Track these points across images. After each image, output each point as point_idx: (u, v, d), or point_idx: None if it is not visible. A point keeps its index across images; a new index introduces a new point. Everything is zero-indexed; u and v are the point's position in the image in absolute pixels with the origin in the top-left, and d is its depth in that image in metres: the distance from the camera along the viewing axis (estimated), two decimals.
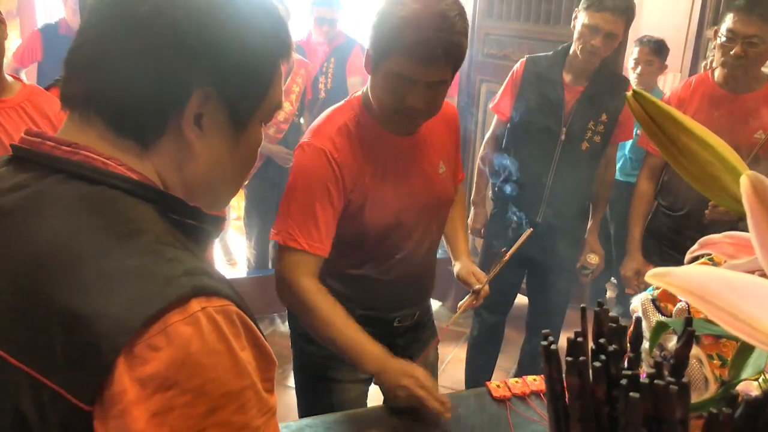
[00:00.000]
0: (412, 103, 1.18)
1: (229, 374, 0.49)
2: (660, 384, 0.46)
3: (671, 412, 0.46)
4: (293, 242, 1.23)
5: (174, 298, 0.49)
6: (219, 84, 0.58)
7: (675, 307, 1.21)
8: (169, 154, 0.59)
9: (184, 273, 0.51)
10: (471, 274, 1.49)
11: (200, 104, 0.58)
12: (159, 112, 0.58)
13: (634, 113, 0.58)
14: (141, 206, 0.56)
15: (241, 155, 0.64)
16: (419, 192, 1.33)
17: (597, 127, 2.09)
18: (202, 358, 0.48)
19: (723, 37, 1.85)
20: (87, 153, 0.56)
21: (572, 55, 2.06)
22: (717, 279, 0.46)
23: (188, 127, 0.58)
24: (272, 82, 0.63)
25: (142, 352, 0.47)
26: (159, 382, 0.47)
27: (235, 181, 0.68)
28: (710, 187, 0.57)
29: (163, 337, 0.48)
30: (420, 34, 1.11)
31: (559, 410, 0.51)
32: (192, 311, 0.49)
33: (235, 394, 0.50)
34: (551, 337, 0.53)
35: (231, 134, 0.62)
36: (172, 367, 0.47)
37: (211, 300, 0.51)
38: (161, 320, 0.48)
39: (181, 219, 0.59)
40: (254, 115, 0.63)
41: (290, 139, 3.03)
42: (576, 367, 0.49)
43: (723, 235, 0.60)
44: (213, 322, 0.50)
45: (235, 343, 0.51)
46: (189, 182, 0.62)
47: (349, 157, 1.25)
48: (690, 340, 0.53)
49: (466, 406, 1.28)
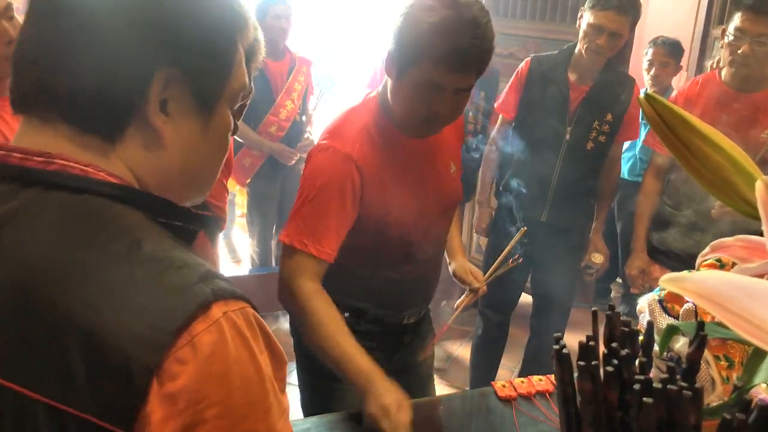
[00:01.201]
0: (438, 110, 1.16)
1: (253, 381, 0.49)
2: (673, 389, 0.46)
3: (685, 417, 0.46)
4: (300, 244, 1.21)
5: (196, 308, 0.47)
6: (179, 63, 0.55)
7: (682, 308, 1.21)
8: (137, 147, 0.56)
9: (200, 279, 0.50)
10: (468, 273, 1.49)
11: (163, 88, 0.55)
12: (121, 101, 0.54)
13: (647, 115, 0.58)
14: (130, 213, 0.53)
15: (213, 140, 0.61)
16: (434, 193, 1.32)
17: (602, 126, 2.08)
18: (228, 368, 0.47)
19: (731, 36, 1.84)
20: (63, 162, 0.53)
21: (577, 54, 2.05)
22: (731, 284, 0.46)
23: (154, 113, 0.55)
24: (234, 59, 0.60)
25: (170, 366, 0.46)
26: (189, 396, 0.46)
27: (212, 169, 0.64)
28: (722, 190, 0.57)
29: (190, 349, 0.46)
30: (453, 43, 1.08)
31: (570, 414, 0.51)
32: (214, 318, 0.48)
33: (260, 400, 0.50)
34: (563, 341, 0.52)
35: (199, 118, 0.58)
36: (201, 380, 0.46)
37: (229, 303, 0.50)
38: (187, 331, 0.47)
39: (168, 222, 0.56)
40: (220, 95, 0.60)
41: (292, 138, 3.02)
42: (588, 371, 0.49)
43: (735, 239, 0.60)
44: (235, 327, 0.49)
45: (255, 347, 0.50)
46: (164, 174, 0.58)
47: (370, 162, 1.23)
48: (703, 345, 0.53)
49: (471, 405, 1.27)
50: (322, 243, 1.21)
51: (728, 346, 1.12)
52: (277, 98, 2.94)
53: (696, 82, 2.03)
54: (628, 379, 0.50)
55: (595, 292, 3.39)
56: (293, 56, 3.01)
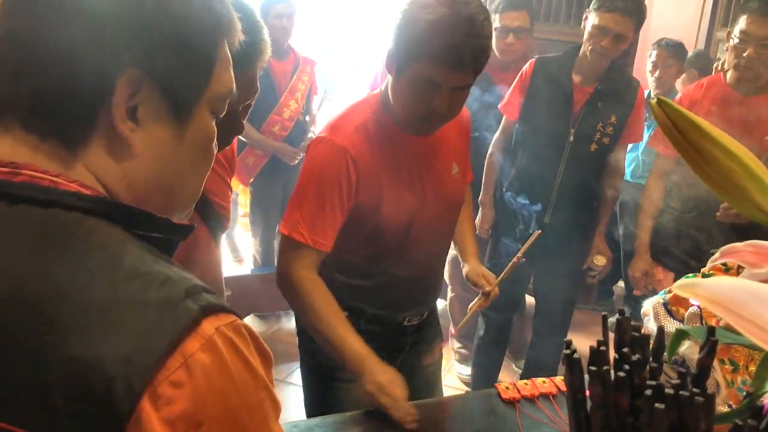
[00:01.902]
0: (436, 108, 1.17)
1: (250, 390, 0.48)
2: (685, 395, 0.46)
3: (696, 423, 0.46)
4: (297, 234, 1.23)
5: (184, 326, 0.45)
6: (147, 66, 0.50)
7: (687, 312, 1.21)
8: (104, 155, 0.52)
9: (186, 294, 0.47)
10: (480, 276, 1.49)
11: (131, 92, 0.50)
12: (82, 108, 0.50)
13: (658, 120, 0.58)
14: (104, 226, 0.49)
15: (190, 149, 0.56)
16: (433, 192, 1.33)
17: (606, 128, 2.08)
18: (226, 384, 0.46)
19: (736, 39, 1.84)
20: (30, 172, 0.49)
21: (582, 55, 2.05)
22: (742, 289, 0.46)
23: (120, 120, 0.50)
24: (215, 63, 0.56)
25: (165, 391, 0.43)
26: (189, 421, 0.44)
27: (194, 181, 0.59)
28: (734, 195, 0.56)
29: (185, 371, 0.44)
30: (450, 40, 1.09)
31: (580, 419, 0.51)
32: (207, 334, 0.46)
33: (258, 410, 0.49)
34: (573, 346, 0.52)
35: (173, 125, 0.54)
36: (200, 403, 0.44)
37: (220, 317, 0.48)
38: (178, 352, 0.44)
39: (146, 234, 0.52)
40: (198, 100, 0.55)
41: (295, 137, 3.02)
42: (599, 376, 0.49)
43: (745, 244, 0.60)
44: (228, 341, 0.47)
45: (249, 355, 0.49)
46: (136, 186, 0.54)
47: (366, 156, 1.24)
48: (713, 350, 0.53)
49: (475, 407, 1.27)
50: (318, 233, 1.23)
51: (733, 350, 1.12)
52: (280, 98, 2.94)
53: (701, 84, 2.03)
54: (639, 384, 0.50)
55: (597, 294, 3.39)
56: (297, 56, 3.01)
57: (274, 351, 0.54)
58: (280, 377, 2.69)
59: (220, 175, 1.16)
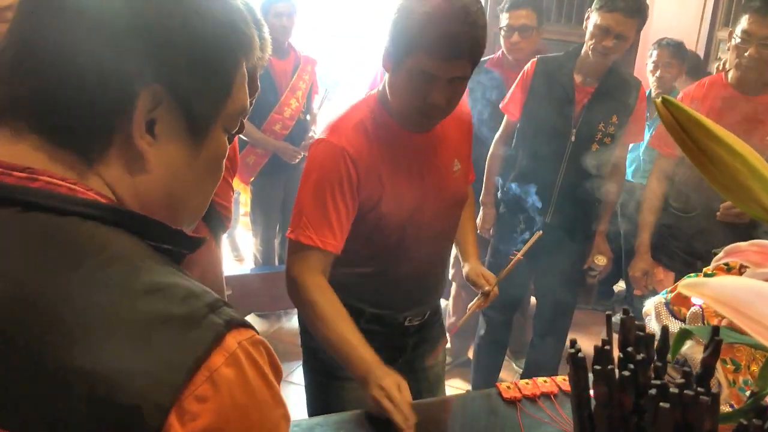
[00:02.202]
0: (434, 100, 1.18)
1: (269, 408, 0.48)
2: (689, 394, 0.46)
3: (701, 422, 0.46)
4: (306, 238, 1.22)
5: (211, 342, 0.45)
6: (169, 82, 0.50)
7: (689, 311, 1.21)
8: (118, 168, 0.51)
9: (209, 309, 0.47)
10: (480, 276, 1.49)
11: (150, 108, 0.50)
12: (101, 119, 0.50)
13: (663, 119, 0.58)
14: (122, 236, 0.49)
15: (203, 167, 0.56)
16: (434, 190, 1.32)
17: (607, 128, 2.08)
18: (246, 401, 0.46)
19: (738, 39, 1.84)
20: (48, 179, 0.48)
21: (583, 55, 2.05)
22: (748, 289, 0.46)
23: (138, 135, 0.50)
24: (234, 82, 0.56)
25: (191, 406, 0.43)
26: None
27: (202, 196, 0.60)
28: (738, 195, 0.56)
29: (210, 386, 0.44)
30: (444, 30, 1.10)
31: (584, 418, 0.51)
32: (231, 349, 0.46)
33: (275, 425, 0.49)
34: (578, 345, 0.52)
35: (189, 143, 0.54)
36: (222, 417, 0.45)
37: (241, 332, 0.48)
38: (204, 367, 0.44)
39: (158, 245, 0.52)
40: (215, 119, 0.55)
41: (296, 136, 3.02)
42: (604, 375, 0.49)
43: (749, 244, 0.60)
44: (250, 357, 0.47)
45: (268, 371, 0.49)
46: (142, 197, 0.53)
47: (365, 154, 1.24)
48: (717, 350, 0.53)
49: (476, 406, 1.27)
50: (326, 234, 1.22)
51: (735, 350, 1.12)
52: (281, 97, 2.94)
53: (702, 83, 2.03)
54: (643, 383, 0.50)
55: (597, 294, 3.39)
56: (298, 55, 3.01)
57: (275, 350, 0.54)
58: None
59: None
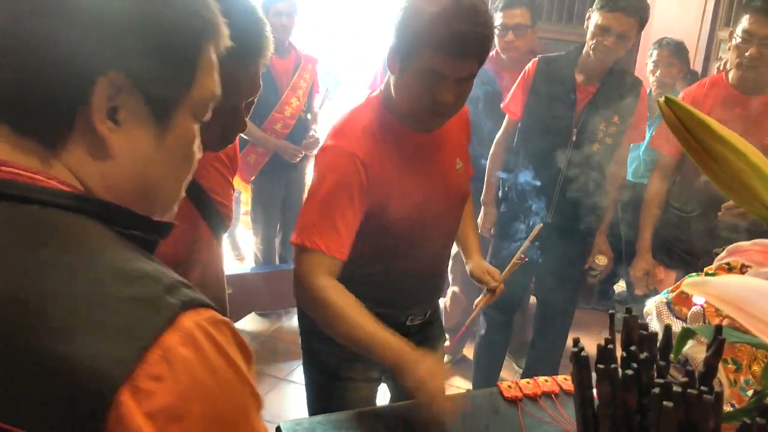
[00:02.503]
0: (442, 99, 1.17)
1: (233, 387, 0.49)
2: (693, 393, 0.46)
3: (704, 421, 0.46)
4: (313, 244, 1.21)
5: (164, 321, 0.46)
6: (127, 69, 0.51)
7: (690, 311, 1.21)
8: (82, 155, 0.52)
9: (166, 290, 0.48)
10: (486, 272, 1.49)
11: (111, 94, 0.51)
12: (61, 107, 0.50)
13: (666, 118, 0.58)
14: (84, 222, 0.50)
15: (170, 152, 0.57)
16: (438, 189, 1.32)
17: (608, 128, 2.08)
18: (207, 380, 0.46)
19: (738, 38, 1.84)
20: (9, 169, 0.49)
21: (585, 55, 2.05)
22: (752, 288, 0.46)
23: (99, 121, 0.51)
24: (198, 67, 0.56)
25: (146, 384, 0.44)
26: (170, 413, 0.45)
27: (171, 183, 0.60)
28: (741, 194, 0.57)
29: (165, 365, 0.45)
30: (454, 29, 1.10)
31: (588, 417, 0.51)
32: (186, 329, 0.46)
33: (241, 405, 0.49)
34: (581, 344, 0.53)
35: (153, 128, 0.55)
36: (180, 396, 0.45)
37: (199, 312, 0.48)
38: (157, 346, 0.45)
39: (126, 231, 0.53)
40: (178, 104, 0.56)
41: (297, 135, 3.02)
42: (607, 374, 0.49)
43: (752, 243, 0.60)
44: (208, 336, 0.48)
45: (230, 351, 0.49)
46: (113, 186, 0.54)
47: (375, 159, 1.23)
48: (720, 349, 0.53)
49: (477, 405, 1.27)
50: (334, 241, 1.21)
51: (736, 350, 1.12)
52: (282, 95, 2.94)
53: (703, 83, 2.03)
54: (646, 382, 0.50)
55: (598, 294, 3.39)
56: (298, 54, 3.01)
57: (275, 349, 0.54)
58: (281, 375, 2.69)
59: (222, 173, 1.16)
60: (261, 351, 2.90)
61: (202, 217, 1.09)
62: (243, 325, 3.06)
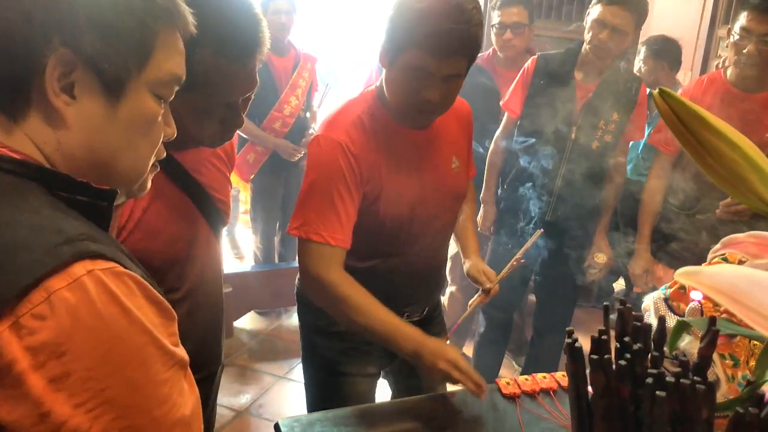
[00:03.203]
0: (428, 97, 1.18)
1: (124, 334, 0.51)
2: (686, 383, 0.46)
3: (698, 411, 0.46)
4: (316, 235, 1.22)
5: (52, 266, 0.49)
6: (74, 46, 0.56)
7: (687, 307, 1.21)
8: (40, 125, 0.58)
9: (66, 241, 0.51)
10: (481, 273, 1.49)
11: (65, 70, 0.56)
12: (17, 81, 0.56)
13: (661, 112, 0.58)
14: (25, 185, 0.55)
15: (125, 125, 0.61)
16: (432, 186, 1.33)
17: (608, 126, 2.08)
18: (93, 322, 0.49)
19: (736, 36, 1.84)
20: None
21: (584, 53, 2.05)
22: (745, 278, 0.46)
23: (52, 94, 0.56)
24: (152, 47, 0.60)
25: (28, 322, 0.48)
26: (51, 349, 0.48)
27: (130, 156, 0.63)
28: (737, 187, 0.57)
29: (47, 306, 0.48)
30: (437, 27, 1.11)
31: (582, 408, 0.51)
32: (76, 276, 0.50)
33: (134, 351, 0.51)
34: (575, 335, 0.53)
35: (106, 101, 0.59)
36: (63, 334, 0.48)
37: (96, 262, 0.51)
38: (41, 288, 0.49)
39: (71, 196, 0.58)
40: (129, 80, 0.60)
41: (296, 134, 3.02)
42: (601, 365, 0.49)
43: (747, 235, 0.60)
44: (101, 284, 0.51)
45: (128, 302, 0.52)
46: (70, 156, 0.59)
47: (364, 149, 1.24)
48: (714, 340, 0.53)
49: (475, 402, 1.28)
50: (336, 230, 1.22)
51: (734, 345, 1.12)
52: (281, 94, 2.94)
53: (701, 81, 2.03)
54: (640, 373, 0.50)
55: (597, 292, 3.39)
56: (298, 52, 3.01)
57: (275, 347, 0.55)
58: (280, 374, 2.69)
59: (219, 170, 1.16)
60: (260, 349, 2.91)
61: (201, 213, 1.09)
62: (242, 324, 3.06)
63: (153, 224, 0.99)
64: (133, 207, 0.96)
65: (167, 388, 0.53)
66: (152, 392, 0.52)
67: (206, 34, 0.88)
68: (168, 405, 0.53)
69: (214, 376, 1.21)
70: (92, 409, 0.49)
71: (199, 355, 1.16)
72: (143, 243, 0.97)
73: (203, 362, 1.16)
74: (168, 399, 0.53)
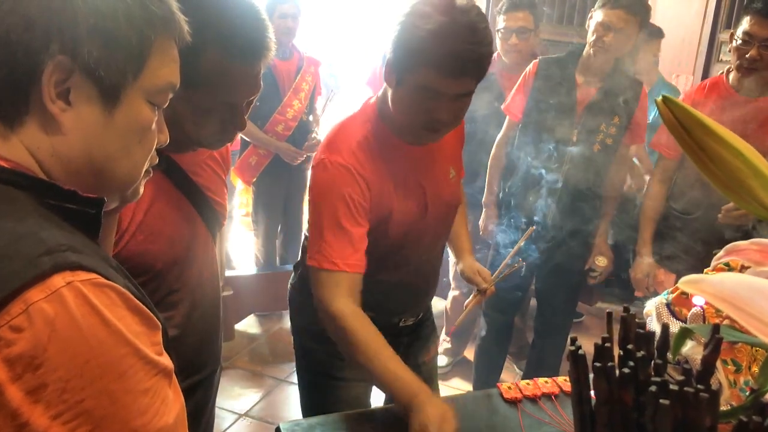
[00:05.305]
0: (439, 116, 1.17)
1: (103, 345, 0.50)
2: (690, 391, 0.46)
3: (701, 419, 0.46)
4: (329, 264, 1.19)
5: (31, 277, 0.49)
6: (73, 53, 0.56)
7: (690, 312, 1.21)
8: (36, 132, 0.58)
9: (46, 251, 0.51)
10: (476, 273, 1.48)
11: (62, 77, 0.57)
12: (15, 88, 0.56)
13: (663, 118, 0.58)
14: (12, 193, 0.56)
15: (121, 132, 0.62)
16: (433, 199, 1.32)
17: (609, 129, 2.08)
18: (71, 334, 0.49)
19: (739, 40, 1.84)
20: None
21: (585, 55, 2.06)
22: (748, 286, 0.46)
23: (49, 100, 0.57)
24: (148, 55, 0.61)
25: (5, 333, 0.48)
26: (27, 362, 0.48)
27: (125, 162, 0.64)
28: (738, 193, 0.57)
29: (25, 318, 0.48)
30: (450, 48, 1.08)
31: (585, 415, 0.51)
32: (54, 287, 0.50)
33: (113, 362, 0.51)
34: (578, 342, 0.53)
35: (102, 108, 0.60)
36: (39, 346, 0.48)
37: (76, 273, 0.51)
38: (19, 300, 0.49)
39: (59, 204, 0.58)
40: (126, 89, 0.60)
41: (298, 137, 3.03)
42: (604, 372, 0.49)
43: (750, 242, 0.60)
44: (81, 295, 0.50)
45: (108, 313, 0.51)
46: (65, 162, 0.60)
47: (372, 171, 1.23)
48: (718, 347, 0.53)
49: (476, 407, 1.27)
50: (349, 256, 1.20)
51: (736, 351, 1.12)
52: (284, 97, 2.94)
53: (703, 85, 2.03)
54: (643, 380, 0.50)
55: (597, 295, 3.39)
56: (301, 56, 3.02)
57: (275, 350, 0.54)
58: (281, 376, 2.69)
59: (216, 172, 1.16)
60: (261, 352, 2.91)
61: (198, 215, 1.10)
62: (243, 327, 3.06)
63: (154, 225, 0.99)
64: (134, 209, 0.96)
65: (149, 398, 0.53)
66: (131, 402, 0.52)
67: (215, 33, 0.90)
68: (149, 414, 0.52)
69: (213, 378, 1.21)
70: (69, 421, 0.49)
71: (198, 355, 1.17)
72: (145, 245, 0.97)
73: (202, 363, 1.16)
74: (149, 408, 0.53)
